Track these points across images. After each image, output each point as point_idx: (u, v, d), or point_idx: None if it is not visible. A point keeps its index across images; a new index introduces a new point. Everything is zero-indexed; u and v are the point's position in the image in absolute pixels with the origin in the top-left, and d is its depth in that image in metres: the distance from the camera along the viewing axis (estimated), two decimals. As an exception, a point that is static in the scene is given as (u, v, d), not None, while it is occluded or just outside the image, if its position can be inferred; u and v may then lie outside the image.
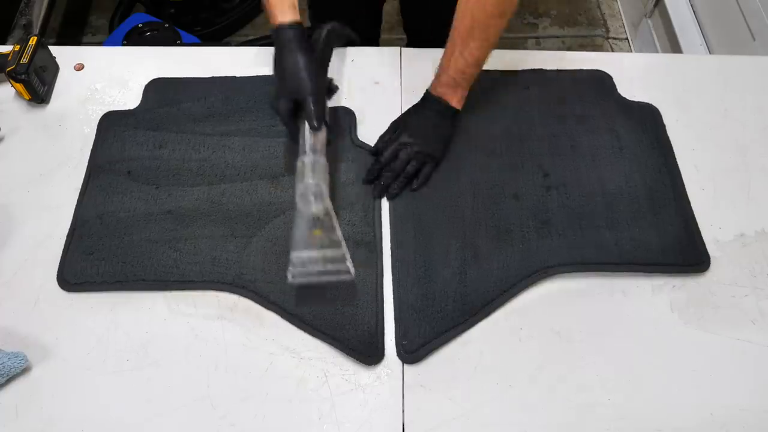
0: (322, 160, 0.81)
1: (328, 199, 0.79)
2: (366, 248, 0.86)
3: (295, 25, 0.83)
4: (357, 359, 0.78)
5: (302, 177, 0.79)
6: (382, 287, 0.83)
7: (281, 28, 0.83)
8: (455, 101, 0.91)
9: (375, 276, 0.83)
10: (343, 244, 0.78)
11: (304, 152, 0.81)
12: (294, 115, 0.84)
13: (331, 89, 0.94)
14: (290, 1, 0.84)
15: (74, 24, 2.15)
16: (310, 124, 0.81)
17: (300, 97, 0.82)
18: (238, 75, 1.04)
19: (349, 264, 0.77)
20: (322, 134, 0.83)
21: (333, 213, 0.78)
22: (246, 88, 1.02)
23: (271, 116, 0.98)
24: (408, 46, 1.38)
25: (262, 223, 0.87)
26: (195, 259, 0.84)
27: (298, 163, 0.80)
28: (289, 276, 0.77)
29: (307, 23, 1.08)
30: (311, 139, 0.82)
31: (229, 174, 0.92)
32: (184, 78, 1.04)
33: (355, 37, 1.00)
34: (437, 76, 0.91)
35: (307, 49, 0.83)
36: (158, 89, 1.02)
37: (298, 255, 0.77)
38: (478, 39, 0.85)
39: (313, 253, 0.77)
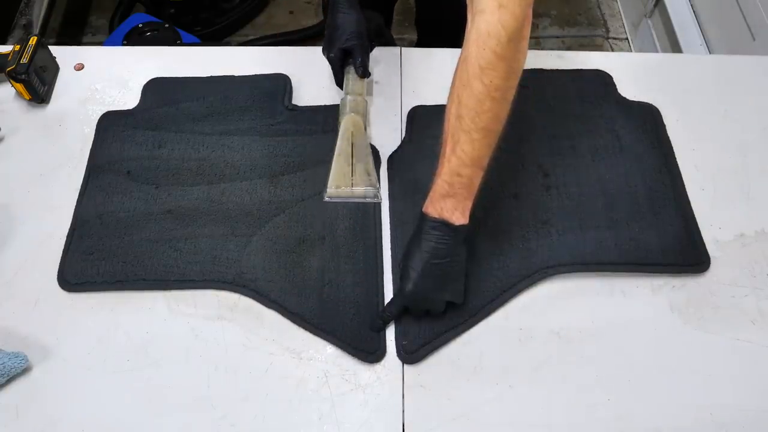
0: (363, 100, 0.95)
1: (365, 132, 0.92)
2: (366, 248, 0.86)
3: None
4: (357, 357, 0.78)
5: (345, 111, 0.93)
6: (382, 287, 0.83)
7: None
8: (457, 215, 0.73)
9: (375, 275, 0.84)
10: (375, 172, 0.90)
11: (348, 92, 0.94)
12: (341, 62, 0.96)
13: (384, 35, 1.03)
14: None
15: (74, 24, 2.15)
16: (357, 72, 0.94)
17: (350, 48, 0.93)
18: (236, 74, 1.04)
19: (379, 190, 0.90)
20: (364, 81, 0.96)
21: (369, 144, 0.92)
22: (245, 87, 1.02)
23: (270, 115, 0.99)
24: (419, 42, 1.38)
25: (262, 221, 0.87)
26: (195, 258, 0.84)
27: (342, 100, 0.94)
28: (325, 195, 0.89)
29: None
30: (355, 82, 0.95)
31: (229, 173, 0.92)
32: (182, 77, 1.04)
33: (390, 37, 1.08)
34: (431, 186, 0.75)
35: (358, 9, 0.94)
36: (157, 89, 1.02)
37: (334, 178, 0.89)
38: (468, 129, 0.69)
39: (347, 180, 0.89)
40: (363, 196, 0.89)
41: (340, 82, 0.97)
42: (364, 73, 0.94)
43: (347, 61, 0.96)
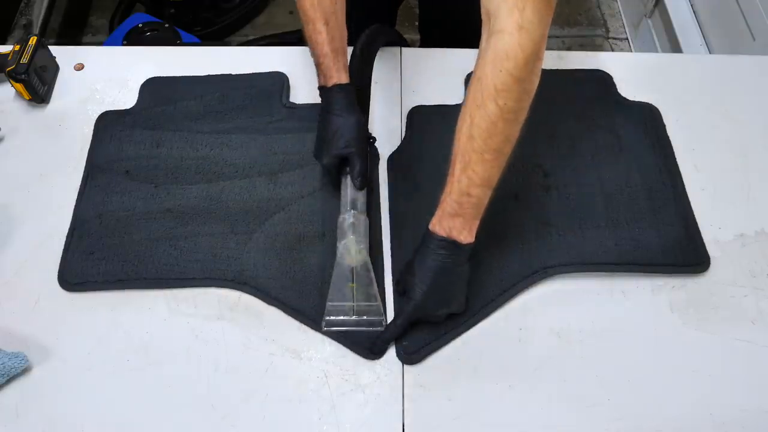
0: (364, 218, 0.84)
1: (368, 254, 0.81)
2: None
3: (347, 87, 0.85)
4: (359, 354, 0.78)
5: (344, 233, 0.81)
6: (383, 284, 0.83)
7: (334, 89, 0.84)
8: (465, 234, 0.74)
9: (376, 272, 0.83)
10: (378, 298, 0.80)
11: (347, 209, 0.84)
12: (338, 169, 0.86)
13: (370, 142, 0.92)
14: (343, 62, 0.85)
15: (74, 24, 2.15)
16: (354, 183, 0.84)
17: (346, 156, 0.84)
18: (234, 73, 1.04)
19: (383, 317, 0.80)
20: (365, 193, 0.86)
21: (371, 267, 0.80)
22: (242, 85, 1.02)
23: (268, 113, 0.99)
24: (422, 44, 1.39)
25: (261, 219, 0.88)
26: (195, 256, 0.84)
27: (340, 219, 0.83)
28: (324, 325, 0.79)
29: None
30: (354, 194, 0.85)
31: (228, 171, 0.92)
32: (180, 76, 1.04)
33: (395, 36, 1.00)
34: (439, 205, 0.74)
35: (356, 111, 0.85)
36: (154, 88, 1.02)
37: (333, 305, 0.79)
38: (480, 150, 0.69)
39: (348, 305, 0.79)
40: (366, 324, 0.79)
41: (337, 187, 0.88)
42: (363, 184, 0.84)
43: (344, 170, 0.86)
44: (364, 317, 0.79)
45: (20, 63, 0.96)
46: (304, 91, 1.02)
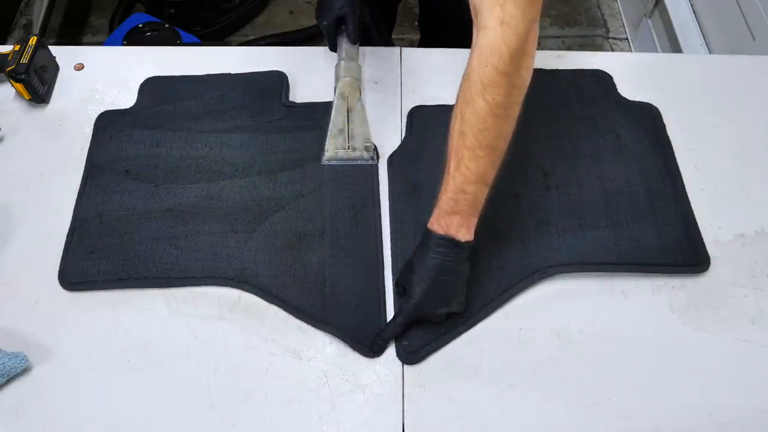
0: (357, 65, 0.97)
1: (361, 95, 0.95)
2: (366, 242, 0.86)
3: None
4: (359, 351, 0.78)
5: (340, 76, 0.95)
6: (383, 281, 0.83)
7: None
8: (463, 231, 0.73)
9: (377, 269, 0.84)
10: (371, 135, 0.93)
11: (342, 58, 0.97)
12: (335, 30, 0.98)
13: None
14: None
15: (74, 24, 2.15)
16: (349, 38, 0.97)
17: (342, 16, 0.95)
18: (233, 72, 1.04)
19: (376, 152, 0.93)
20: (357, 47, 0.99)
21: (364, 106, 0.95)
22: (241, 84, 1.02)
23: (268, 112, 0.99)
24: (421, 43, 1.39)
25: (261, 218, 0.88)
26: (196, 255, 0.84)
27: (337, 65, 0.97)
28: (323, 159, 0.92)
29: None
30: (348, 48, 0.98)
31: (228, 171, 0.92)
32: (179, 76, 1.04)
33: (374, 33, 1.09)
34: (437, 203, 0.75)
35: None
36: (154, 88, 1.02)
37: (332, 140, 0.92)
38: (472, 146, 0.69)
39: (345, 140, 0.92)
40: (360, 158, 0.92)
41: (334, 48, 1.00)
42: (356, 39, 0.97)
43: (340, 29, 0.98)
44: (358, 152, 0.92)
45: (20, 63, 0.96)
46: (304, 91, 1.02)
